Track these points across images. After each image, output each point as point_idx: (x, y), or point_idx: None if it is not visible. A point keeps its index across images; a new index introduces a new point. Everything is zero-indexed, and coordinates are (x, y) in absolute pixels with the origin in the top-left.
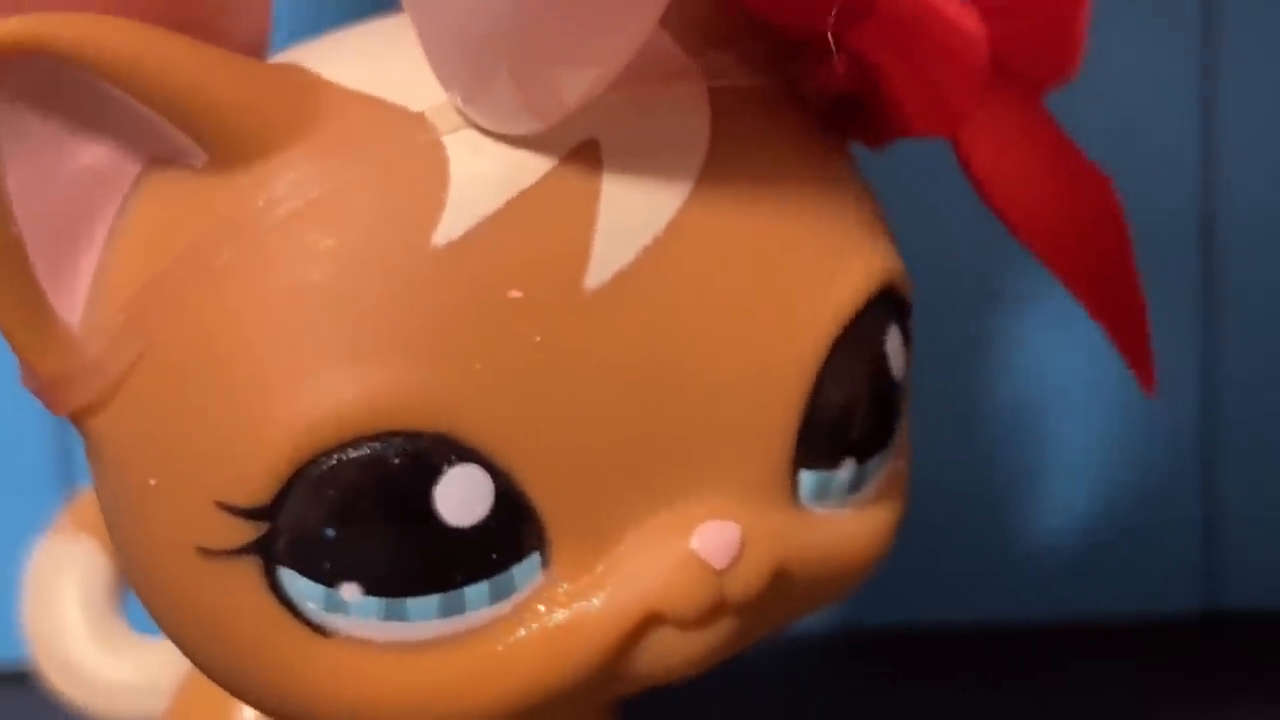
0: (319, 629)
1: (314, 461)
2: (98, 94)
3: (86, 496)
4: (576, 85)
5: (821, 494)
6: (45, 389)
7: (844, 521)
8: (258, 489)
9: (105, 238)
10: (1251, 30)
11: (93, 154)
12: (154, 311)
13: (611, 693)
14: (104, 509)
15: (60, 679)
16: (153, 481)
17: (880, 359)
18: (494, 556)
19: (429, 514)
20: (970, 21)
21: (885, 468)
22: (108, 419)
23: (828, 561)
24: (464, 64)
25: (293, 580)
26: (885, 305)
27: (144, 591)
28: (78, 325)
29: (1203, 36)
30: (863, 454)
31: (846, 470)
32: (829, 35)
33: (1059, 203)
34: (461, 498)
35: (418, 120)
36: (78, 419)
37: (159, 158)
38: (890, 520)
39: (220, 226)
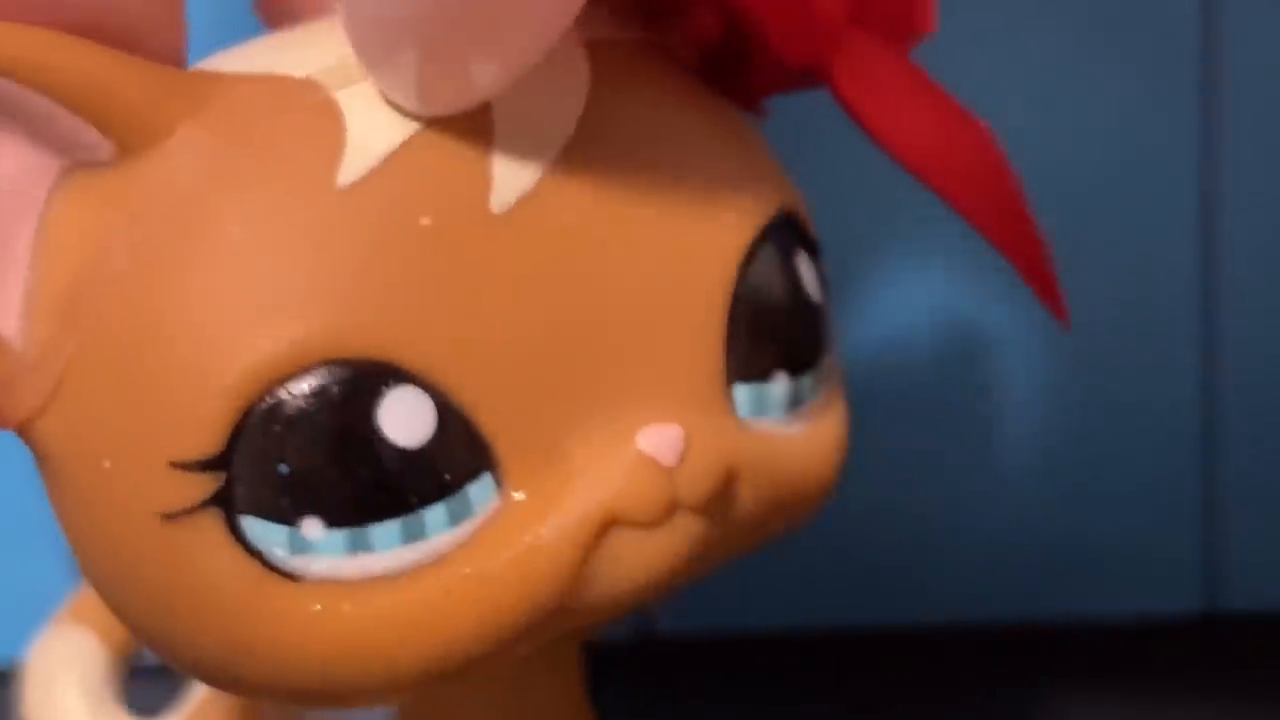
0: (289, 575)
1: (258, 402)
2: (5, 101)
3: (84, 592)
4: (484, 79)
5: (759, 407)
6: None
7: (789, 439)
8: (208, 439)
9: (30, 248)
10: (1250, 94)
11: (7, 161)
12: (85, 301)
13: (584, 617)
14: (61, 517)
15: None
16: (107, 464)
17: (794, 277)
18: (446, 476)
19: (375, 435)
20: None
21: (821, 389)
22: (55, 419)
23: (781, 475)
24: (379, 47)
25: (254, 526)
26: (790, 230)
27: (107, 584)
28: (14, 333)
29: (1201, 104)
30: (793, 368)
31: (780, 384)
32: None
33: (946, 141)
34: (404, 418)
35: (306, 84)
36: (26, 429)
37: (72, 164)
38: (835, 436)
39: (135, 208)
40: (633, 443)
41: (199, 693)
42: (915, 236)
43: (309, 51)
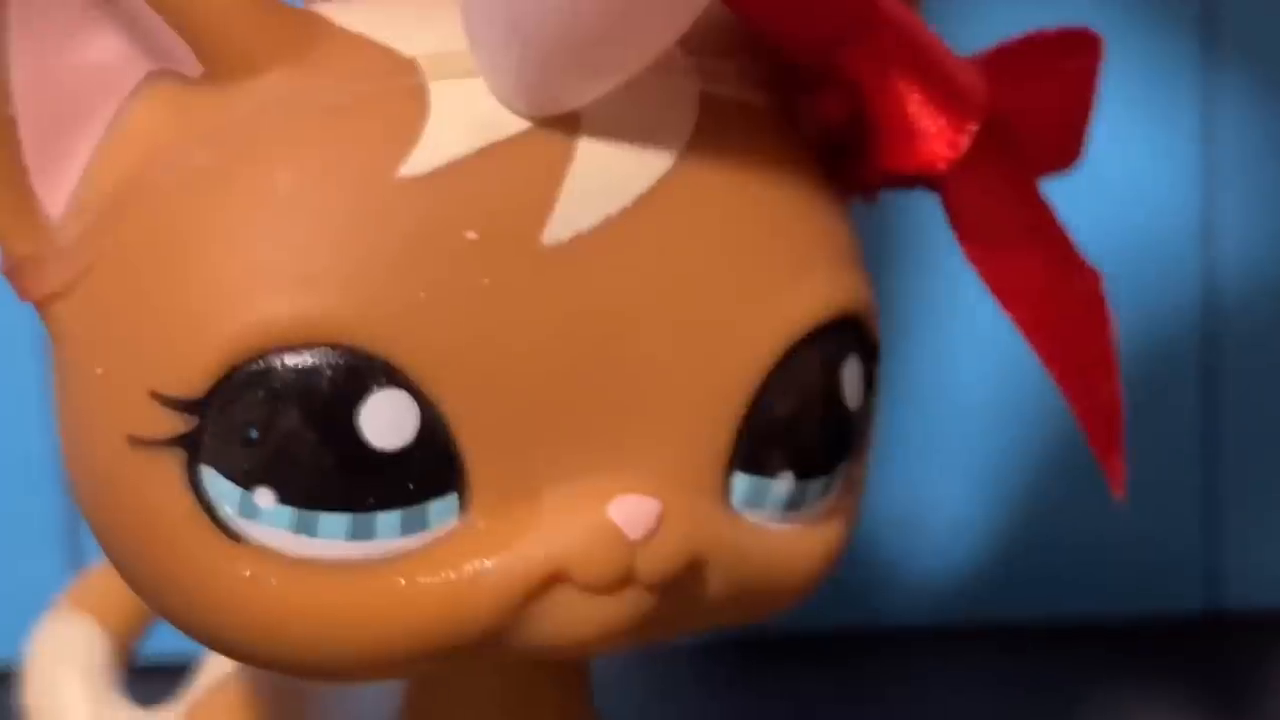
0: (231, 534)
1: (249, 362)
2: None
3: (86, 579)
4: (593, 87)
5: (755, 501)
6: (15, 271)
7: (777, 536)
8: (192, 381)
9: (100, 136)
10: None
11: (97, 51)
12: (123, 207)
13: (515, 653)
14: (57, 407)
15: None
16: (99, 370)
17: (834, 383)
18: (410, 486)
19: (350, 430)
20: (970, 75)
21: (830, 495)
22: (69, 308)
23: (754, 571)
24: (498, 42)
25: (212, 480)
26: (847, 334)
27: (78, 487)
28: (60, 215)
29: (1202, 103)
30: (803, 471)
31: (784, 483)
32: (824, 53)
33: (1044, 281)
34: (385, 420)
35: (408, 64)
36: (43, 307)
37: (162, 67)
38: (828, 549)
39: (200, 131)
40: (604, 505)
41: (200, 686)
42: (916, 232)
43: (432, 29)
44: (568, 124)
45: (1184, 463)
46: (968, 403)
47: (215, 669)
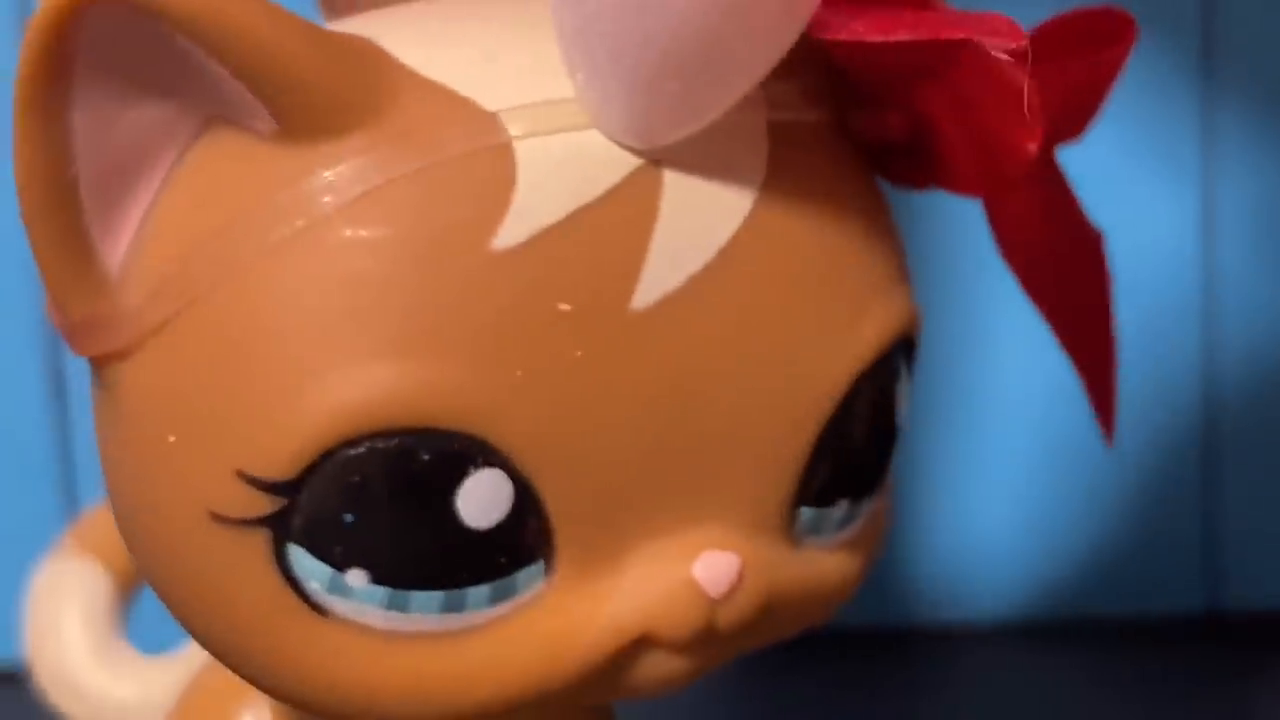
0: (318, 609)
1: (343, 446)
2: (173, 47)
3: (89, 518)
4: (715, 104)
5: (814, 530)
6: (73, 329)
7: (825, 557)
8: (283, 465)
9: (159, 188)
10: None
11: (159, 105)
12: (203, 269)
13: (598, 700)
14: (108, 463)
15: (62, 698)
16: (172, 438)
17: (890, 405)
18: (502, 560)
19: (448, 513)
20: (1033, 96)
21: (873, 507)
22: (133, 368)
23: (815, 594)
24: (616, 64)
25: (301, 559)
26: (902, 351)
27: (144, 555)
28: (116, 270)
29: (1202, 102)
30: (857, 495)
31: (841, 509)
32: (901, 86)
33: (1059, 252)
34: (483, 501)
35: (491, 120)
36: (99, 364)
37: (225, 116)
38: (864, 563)
39: (282, 198)
40: (688, 564)
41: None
42: (917, 233)
43: (506, 65)
44: (650, 177)
45: (1184, 463)
46: (964, 403)
47: None
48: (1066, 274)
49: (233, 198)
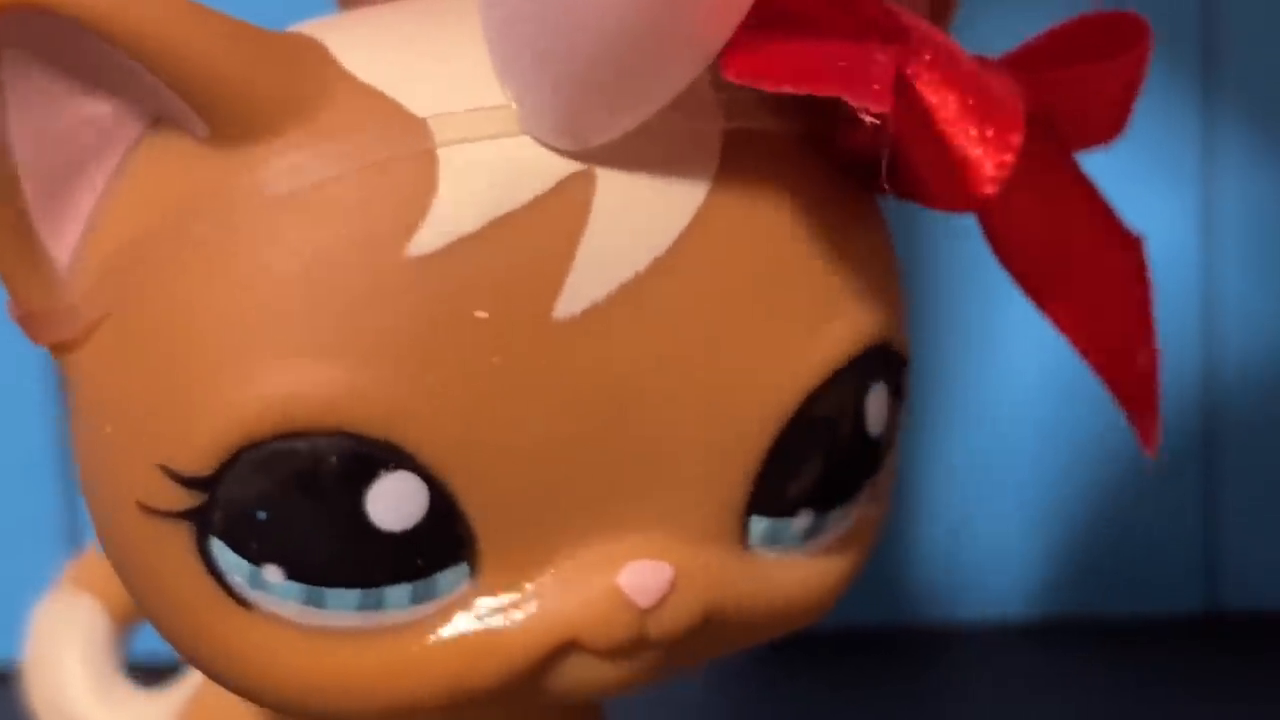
0: (243, 602)
1: (257, 445)
2: (107, 51)
3: (86, 556)
4: (646, 102)
5: (773, 540)
6: (26, 320)
7: (795, 566)
8: (200, 460)
9: (104, 186)
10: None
11: (99, 105)
12: (129, 269)
13: (530, 704)
14: (73, 444)
15: None
16: (108, 429)
17: (856, 418)
18: (420, 562)
19: (359, 515)
20: (1005, 91)
21: (850, 518)
22: (81, 359)
23: (772, 604)
24: (527, 71)
25: (222, 552)
26: (871, 363)
27: (99, 533)
28: (66, 266)
29: (1202, 101)
30: (822, 506)
31: (803, 519)
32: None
33: (1075, 259)
34: (394, 504)
35: (419, 126)
36: (56, 352)
37: (167, 118)
38: (846, 570)
39: (205, 198)
40: (615, 572)
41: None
42: (918, 232)
43: (448, 68)
44: (582, 186)
45: (1184, 462)
46: (964, 402)
47: None
48: (1087, 282)
49: (165, 197)
